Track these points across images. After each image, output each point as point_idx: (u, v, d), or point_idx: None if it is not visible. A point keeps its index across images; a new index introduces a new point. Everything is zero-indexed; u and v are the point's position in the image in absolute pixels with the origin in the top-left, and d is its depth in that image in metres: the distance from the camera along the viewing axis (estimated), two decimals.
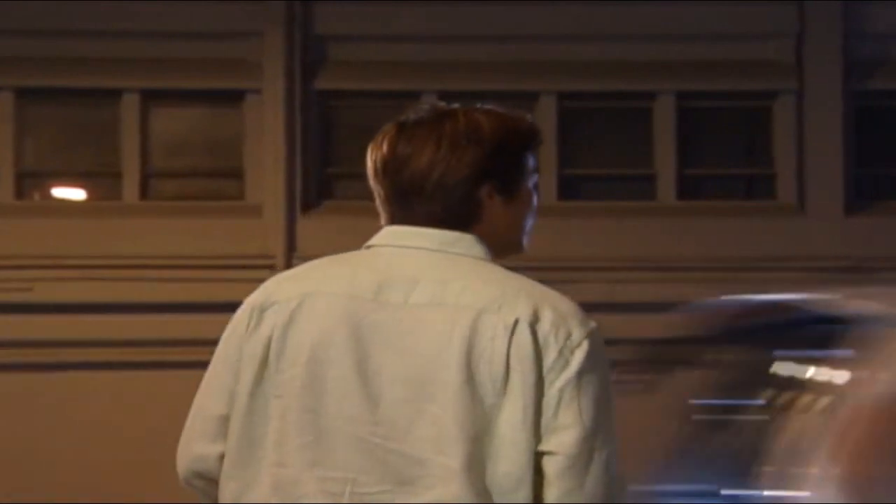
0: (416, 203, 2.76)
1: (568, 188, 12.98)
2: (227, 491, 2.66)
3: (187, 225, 12.63)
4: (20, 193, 12.91)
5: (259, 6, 12.73)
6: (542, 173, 12.77)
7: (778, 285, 12.44)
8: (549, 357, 2.60)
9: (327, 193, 13.05)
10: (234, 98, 12.92)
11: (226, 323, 2.78)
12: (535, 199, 2.89)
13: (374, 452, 2.56)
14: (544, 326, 2.62)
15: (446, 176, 2.78)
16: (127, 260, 12.50)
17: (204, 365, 2.78)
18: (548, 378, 2.59)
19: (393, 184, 2.78)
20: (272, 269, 10.92)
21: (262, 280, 2.84)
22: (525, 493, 2.57)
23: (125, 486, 12.17)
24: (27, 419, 12.40)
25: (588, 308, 2.75)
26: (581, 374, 2.61)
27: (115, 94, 12.84)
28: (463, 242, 2.76)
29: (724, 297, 5.32)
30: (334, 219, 12.15)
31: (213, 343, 2.79)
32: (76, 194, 13.17)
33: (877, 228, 12.67)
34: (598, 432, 2.63)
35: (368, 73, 12.82)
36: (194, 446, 2.72)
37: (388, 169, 2.78)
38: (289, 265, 11.39)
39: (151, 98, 12.91)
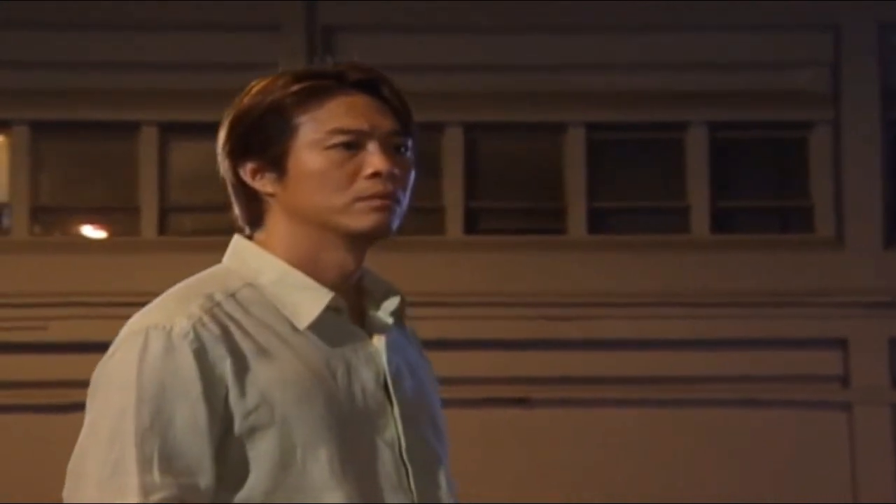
0: None
1: (598, 221, 12.76)
2: None
3: (207, 260, 12.14)
4: (35, 229, 12.73)
5: (278, 37, 12.60)
6: (571, 205, 12.36)
7: (816, 321, 12.32)
8: None
9: None
10: None
11: None
12: (345, 162, 2.44)
13: None
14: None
15: (223, 171, 2.56)
16: (145, 297, 11.98)
17: None
18: None
19: None
20: None
21: None
22: None
23: None
24: (41, 462, 12.18)
25: (619, 345, 2.41)
26: (91, 394, 2.42)
27: (132, 128, 12.66)
28: (229, 247, 2.60)
29: None
30: None
31: None
32: (93, 230, 12.99)
33: None
34: (75, 466, 2.36)
35: None
36: None
37: None
38: None
39: (170, 131, 12.72)
